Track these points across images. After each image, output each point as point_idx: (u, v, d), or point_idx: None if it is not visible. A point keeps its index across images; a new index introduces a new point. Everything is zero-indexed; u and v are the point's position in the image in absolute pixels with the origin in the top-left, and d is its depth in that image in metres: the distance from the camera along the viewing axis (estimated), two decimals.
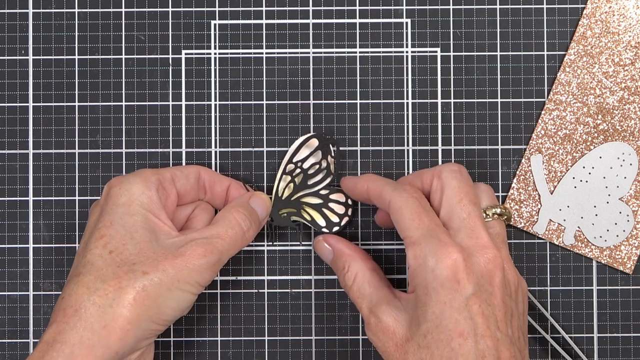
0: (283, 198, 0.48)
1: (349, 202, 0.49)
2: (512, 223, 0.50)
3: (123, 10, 0.51)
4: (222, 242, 0.42)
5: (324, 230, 0.48)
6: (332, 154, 0.47)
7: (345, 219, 0.48)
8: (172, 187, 0.45)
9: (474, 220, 0.41)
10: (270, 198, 0.48)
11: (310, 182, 0.48)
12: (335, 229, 0.48)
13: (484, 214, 0.43)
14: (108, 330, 0.39)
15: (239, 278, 0.50)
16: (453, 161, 0.50)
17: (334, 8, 0.51)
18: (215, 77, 0.51)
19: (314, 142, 0.48)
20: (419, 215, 0.41)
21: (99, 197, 0.50)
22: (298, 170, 0.47)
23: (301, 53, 0.51)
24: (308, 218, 0.48)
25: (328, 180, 0.48)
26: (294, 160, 0.47)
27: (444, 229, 0.41)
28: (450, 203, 0.42)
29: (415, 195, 0.42)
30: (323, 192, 0.48)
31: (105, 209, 0.42)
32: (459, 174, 0.43)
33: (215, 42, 0.51)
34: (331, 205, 0.48)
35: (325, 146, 0.47)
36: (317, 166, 0.47)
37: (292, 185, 0.47)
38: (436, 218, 0.42)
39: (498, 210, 0.44)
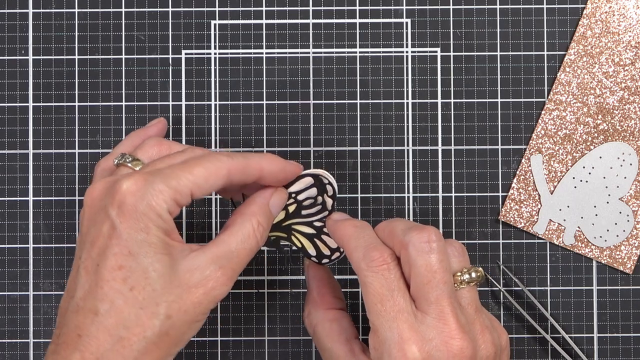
0: (274, 223, 0.44)
1: None
2: (512, 223, 0.50)
3: (123, 10, 0.51)
4: (239, 261, 0.40)
5: (314, 259, 0.45)
6: (329, 194, 0.44)
7: (337, 254, 0.45)
8: (188, 200, 0.39)
9: (442, 304, 0.38)
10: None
11: (304, 212, 0.44)
12: (325, 261, 0.45)
13: (454, 283, 0.40)
14: None
15: (239, 278, 0.50)
16: (453, 161, 0.50)
17: (334, 8, 0.51)
18: (215, 77, 0.51)
19: (309, 180, 0.43)
20: (382, 299, 0.39)
21: None
22: (292, 201, 0.44)
23: (301, 53, 0.51)
24: (298, 245, 0.45)
25: (323, 215, 0.44)
26: (289, 190, 0.43)
27: (407, 314, 0.39)
28: (417, 283, 0.39)
29: (383, 267, 0.39)
30: (317, 224, 0.45)
31: (121, 231, 0.37)
32: (428, 246, 0.39)
33: (215, 42, 0.51)
34: (324, 237, 0.45)
35: (322, 186, 0.43)
36: (313, 200, 0.44)
37: (284, 212, 0.44)
38: (402, 300, 0.39)
39: (466, 278, 0.40)
